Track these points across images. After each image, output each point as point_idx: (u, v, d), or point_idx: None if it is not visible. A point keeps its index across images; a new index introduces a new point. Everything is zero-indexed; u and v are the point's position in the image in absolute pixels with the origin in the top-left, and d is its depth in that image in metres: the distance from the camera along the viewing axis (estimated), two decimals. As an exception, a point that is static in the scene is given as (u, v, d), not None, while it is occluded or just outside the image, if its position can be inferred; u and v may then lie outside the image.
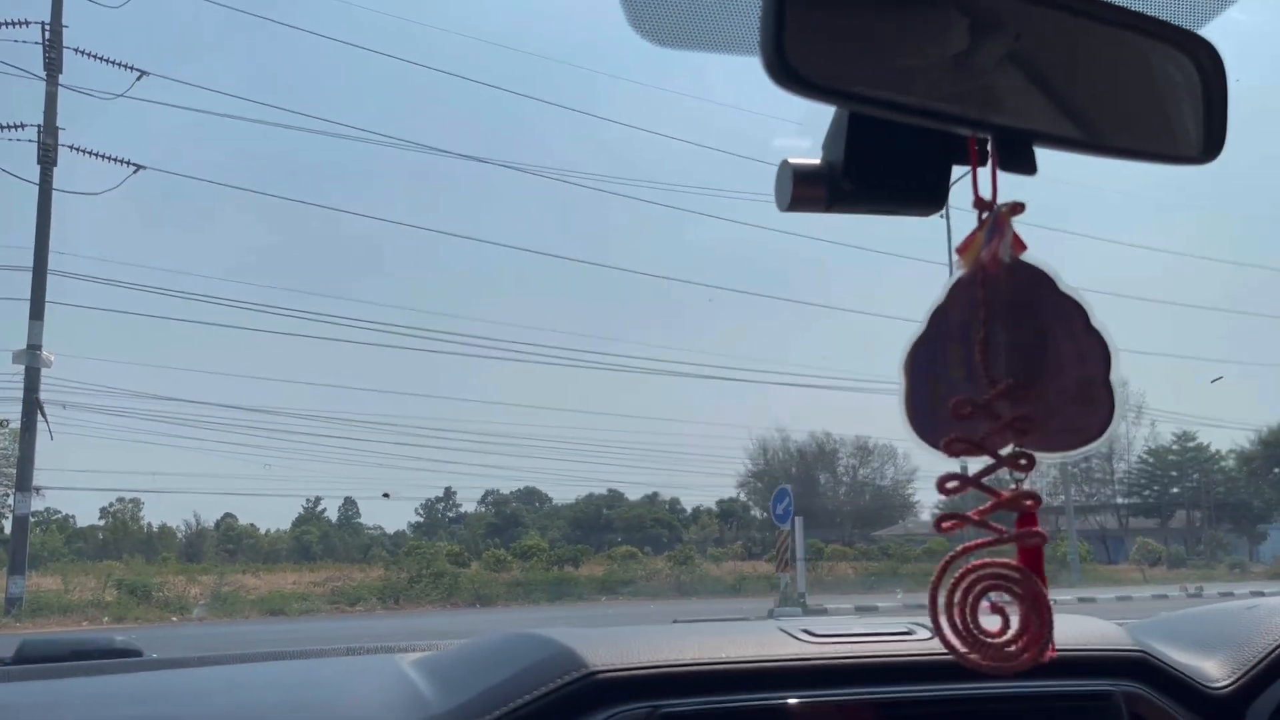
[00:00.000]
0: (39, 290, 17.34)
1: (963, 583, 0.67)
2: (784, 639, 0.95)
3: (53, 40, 17.56)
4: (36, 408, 17.30)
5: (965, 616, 0.66)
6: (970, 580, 0.67)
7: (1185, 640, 1.08)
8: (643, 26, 0.82)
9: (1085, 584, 24.23)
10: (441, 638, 1.28)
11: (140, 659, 1.21)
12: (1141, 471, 36.84)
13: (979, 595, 0.67)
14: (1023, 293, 0.71)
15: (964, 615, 0.66)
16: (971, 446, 0.68)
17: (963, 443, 0.68)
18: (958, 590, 0.67)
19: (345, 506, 30.63)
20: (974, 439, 0.68)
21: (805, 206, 0.76)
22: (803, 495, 27.23)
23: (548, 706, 0.86)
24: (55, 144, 17.62)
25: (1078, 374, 0.70)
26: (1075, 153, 0.76)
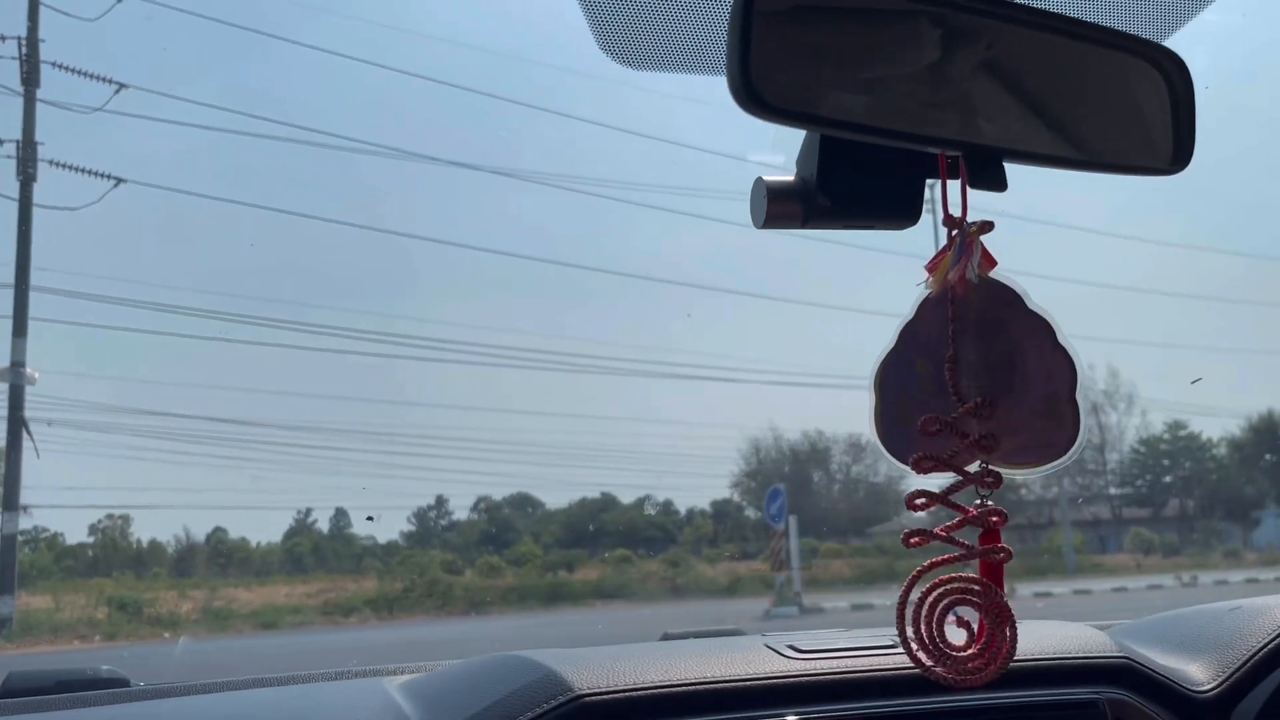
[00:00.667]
0: (21, 307, 17.26)
1: (929, 596, 0.68)
2: (770, 656, 0.96)
3: (29, 54, 17.50)
4: (21, 426, 17.21)
5: (931, 630, 0.68)
6: (936, 594, 0.68)
7: (1169, 644, 1.08)
8: (612, 49, 0.82)
9: (1080, 576, 24.34)
10: (436, 647, 1.28)
11: (126, 689, 1.20)
12: (1134, 461, 37.03)
13: (945, 609, 0.68)
14: (991, 311, 0.72)
15: (930, 629, 0.68)
16: (939, 464, 0.70)
17: (931, 460, 0.69)
18: (924, 604, 0.68)
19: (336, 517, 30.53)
20: (942, 456, 0.69)
21: (781, 223, 0.76)
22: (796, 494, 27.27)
23: (535, 730, 0.86)
24: (34, 159, 17.55)
25: (1045, 391, 0.71)
26: (1046, 167, 0.77)
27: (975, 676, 0.67)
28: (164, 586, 23.09)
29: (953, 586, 0.68)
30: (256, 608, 21.15)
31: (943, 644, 0.68)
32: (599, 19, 0.80)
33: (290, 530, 30.24)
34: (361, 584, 24.31)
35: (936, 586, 0.68)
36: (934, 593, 0.68)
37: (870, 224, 0.78)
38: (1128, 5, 0.86)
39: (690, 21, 0.81)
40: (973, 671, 0.67)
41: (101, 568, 25.51)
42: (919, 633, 0.68)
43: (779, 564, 18.68)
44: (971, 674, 0.67)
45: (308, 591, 23.58)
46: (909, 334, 0.73)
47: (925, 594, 0.68)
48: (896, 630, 0.68)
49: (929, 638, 0.68)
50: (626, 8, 0.80)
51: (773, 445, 33.99)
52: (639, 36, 0.81)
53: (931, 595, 0.68)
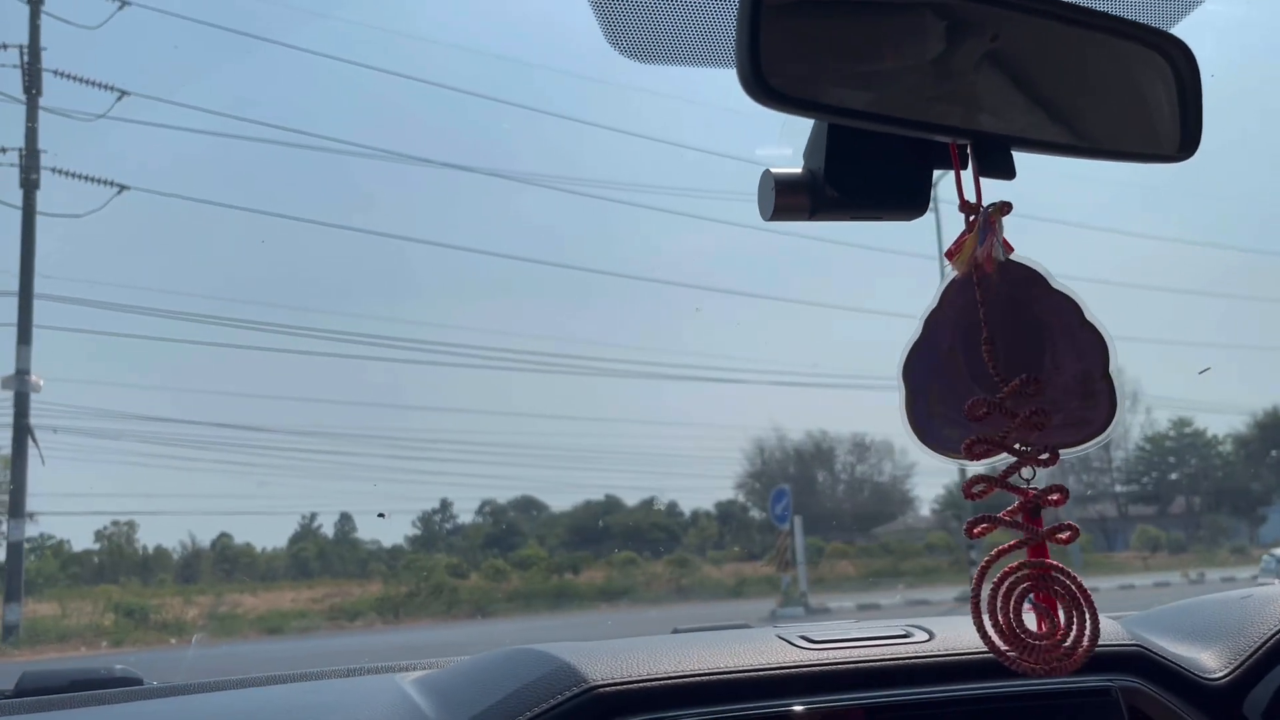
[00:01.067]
0: (25, 315, 17.28)
1: (1003, 585, 0.67)
2: (782, 646, 0.96)
3: (31, 62, 17.54)
4: (27, 433, 17.24)
5: (1009, 618, 0.66)
6: (1010, 582, 0.67)
7: (1180, 632, 1.08)
8: (620, 43, 0.83)
9: (1087, 573, 24.31)
10: (442, 651, 1.28)
11: (140, 688, 1.21)
12: (1139, 459, 36.94)
13: (1020, 596, 0.67)
14: (1017, 292, 0.72)
15: (1007, 617, 0.66)
16: (993, 446, 0.69)
17: (984, 443, 0.68)
18: (999, 592, 0.67)
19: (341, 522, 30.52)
20: (995, 438, 0.69)
21: (789, 215, 0.76)
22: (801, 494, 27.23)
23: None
24: (37, 167, 17.59)
25: (1077, 369, 0.70)
26: (1053, 155, 0.77)
27: (1063, 663, 0.66)
28: (170, 592, 23.11)
29: (1025, 573, 0.67)
30: (262, 613, 21.16)
31: (1022, 632, 0.66)
32: (606, 13, 0.81)
33: (295, 535, 30.23)
34: (367, 588, 24.32)
35: (1009, 574, 0.66)
36: (1007, 580, 0.66)
37: (878, 215, 0.78)
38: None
39: (697, 14, 0.82)
40: (1060, 658, 0.66)
41: (108, 574, 25.52)
42: (996, 622, 0.66)
43: (784, 565, 18.67)
44: (1059, 660, 0.66)
45: (313, 596, 23.60)
46: (934, 321, 0.73)
47: (998, 582, 0.66)
48: (974, 622, 0.66)
49: (1007, 626, 0.66)
50: (634, 2, 0.80)
51: (777, 446, 33.96)
52: (646, 29, 0.82)
53: (1005, 583, 0.66)
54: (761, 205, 0.77)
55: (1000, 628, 0.66)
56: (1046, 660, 0.66)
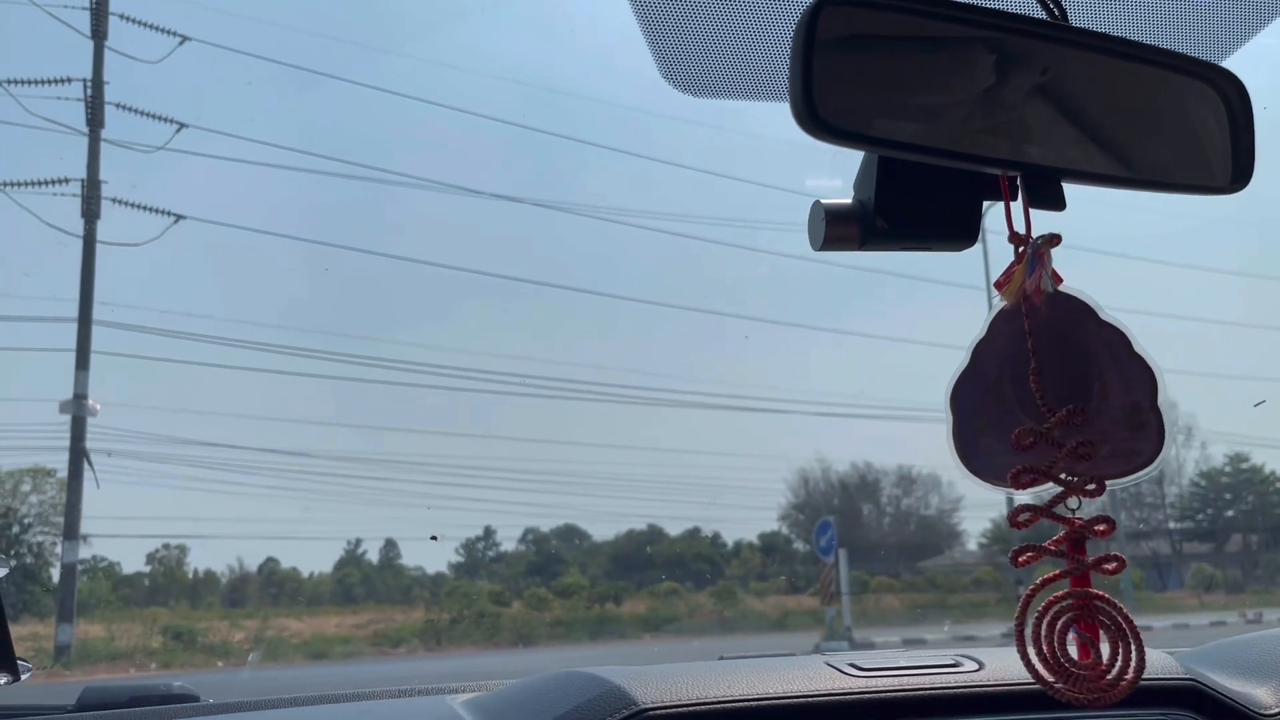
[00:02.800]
0: (84, 340, 17.69)
1: (1047, 614, 0.67)
2: (831, 673, 0.96)
3: (94, 96, 18.05)
4: (82, 456, 17.59)
5: (1054, 648, 0.66)
6: (1054, 611, 0.67)
7: (1236, 667, 1.07)
8: (674, 77, 0.85)
9: (1140, 611, 23.77)
10: (486, 678, 1.29)
11: (197, 704, 1.23)
12: (1194, 495, 36.10)
13: (1065, 626, 0.67)
14: (1065, 323, 0.72)
15: (1052, 647, 0.66)
16: (1039, 475, 0.69)
17: (1030, 473, 0.69)
18: (1043, 621, 0.67)
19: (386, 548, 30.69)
20: (1041, 468, 0.69)
21: (839, 246, 0.78)
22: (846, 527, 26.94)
23: (598, 745, 0.87)
24: (98, 197, 18.06)
25: (1125, 400, 0.71)
26: (1103, 186, 0.78)
27: (1108, 694, 0.65)
28: (217, 616, 23.36)
29: (1070, 603, 0.67)
30: (307, 638, 21.31)
31: (1067, 662, 0.66)
32: (662, 48, 0.83)
33: (341, 560, 30.46)
34: (410, 615, 24.40)
35: (1053, 603, 0.67)
36: (1052, 610, 0.66)
37: (928, 245, 0.79)
38: (1184, 27, 0.87)
39: (750, 49, 0.84)
40: (1105, 689, 0.66)
41: (158, 597, 25.87)
42: (1041, 651, 0.66)
43: (828, 598, 18.47)
44: (1103, 691, 0.65)
45: (357, 622, 23.72)
46: (983, 351, 0.73)
47: (1042, 611, 0.66)
48: (1018, 651, 0.66)
49: (1052, 656, 0.66)
50: (689, 37, 0.82)
51: (821, 477, 33.67)
52: (700, 64, 0.84)
53: (1050, 613, 0.66)
54: (812, 235, 0.78)
55: (1044, 657, 0.66)
56: (1091, 691, 0.65)
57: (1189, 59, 0.79)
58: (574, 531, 31.70)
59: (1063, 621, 0.67)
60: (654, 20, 0.80)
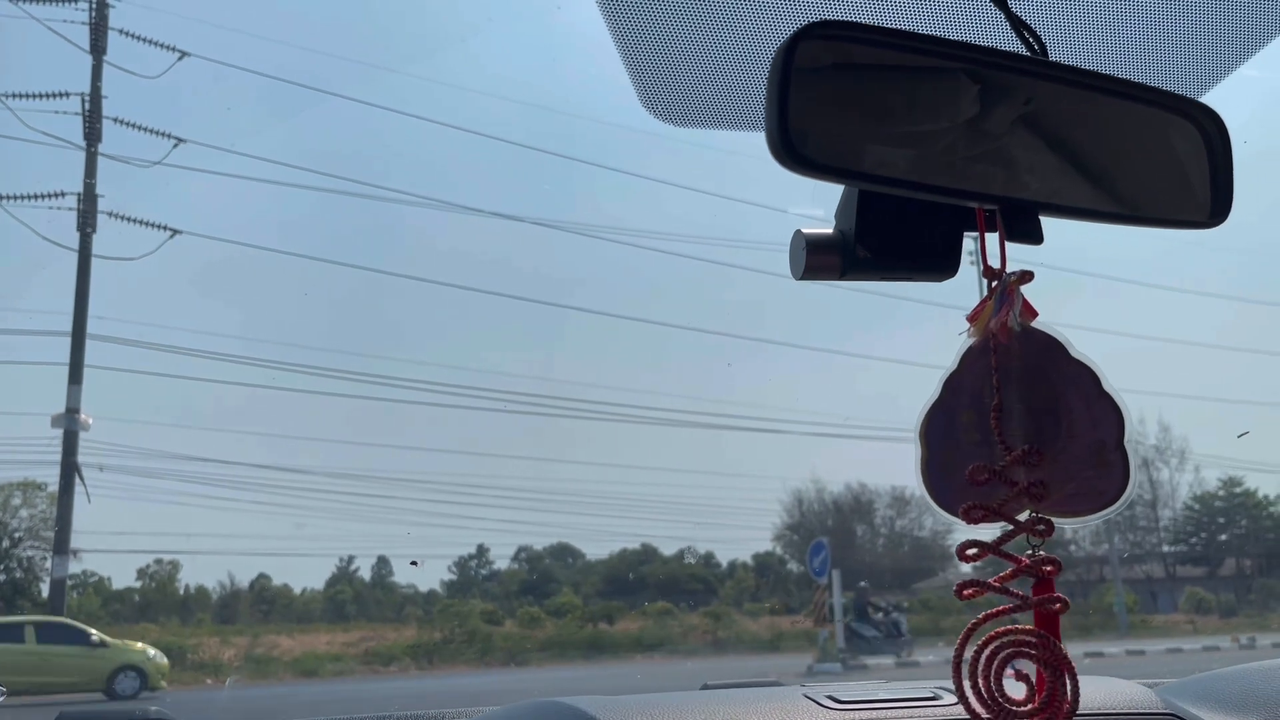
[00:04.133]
0: (78, 354, 17.66)
1: (986, 650, 0.67)
2: (809, 706, 0.95)
3: (92, 110, 18.08)
4: (74, 471, 17.52)
5: (990, 684, 0.67)
6: (994, 647, 0.67)
7: (1217, 701, 1.06)
8: (654, 106, 0.85)
9: (1133, 635, 23.72)
10: (476, 698, 1.28)
11: (173, 730, 1.22)
12: (1187, 518, 36.09)
13: (1003, 662, 0.67)
14: (1034, 359, 0.72)
15: (988, 682, 0.67)
16: (989, 513, 0.69)
17: (981, 509, 0.69)
18: (981, 657, 0.67)
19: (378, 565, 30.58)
20: (992, 505, 0.69)
21: (820, 275, 0.78)
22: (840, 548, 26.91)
23: (574, 777, 0.86)
24: (94, 211, 18.06)
25: (1091, 439, 0.71)
26: (1082, 220, 0.78)
27: None
28: (208, 632, 23.24)
29: (1010, 639, 0.67)
30: (297, 655, 21.19)
31: (1002, 698, 0.66)
32: (642, 78, 0.83)
33: (332, 578, 30.36)
34: (402, 633, 24.29)
35: (993, 639, 0.67)
36: (991, 645, 0.67)
37: (909, 276, 0.79)
38: (1165, 61, 0.88)
39: (730, 79, 0.84)
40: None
41: (149, 612, 25.75)
42: (977, 687, 0.66)
43: (822, 619, 18.42)
44: None
45: (348, 640, 23.60)
46: (952, 384, 0.73)
47: (981, 647, 0.67)
48: (954, 685, 0.67)
49: (988, 692, 0.66)
50: (668, 66, 0.82)
51: (815, 498, 33.65)
52: (680, 94, 0.84)
53: (989, 648, 0.67)
54: (793, 265, 0.78)
55: (978, 691, 0.66)
56: None
57: (1168, 94, 0.80)
58: (567, 550, 31.63)
59: (1001, 657, 0.67)
60: (634, 51, 0.80)
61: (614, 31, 0.79)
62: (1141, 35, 0.87)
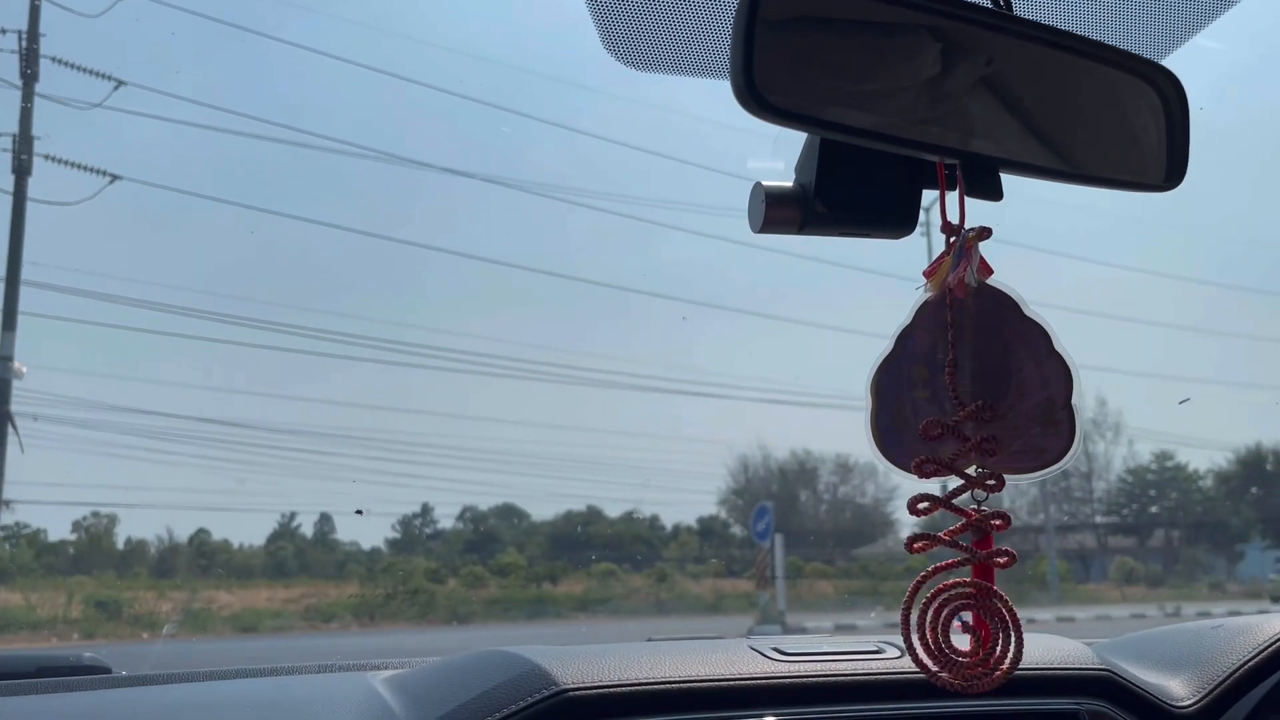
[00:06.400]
0: (11, 301, 17.20)
1: (934, 602, 0.68)
2: (755, 657, 0.96)
3: (29, 48, 17.48)
4: (7, 420, 17.12)
5: (936, 636, 0.68)
6: (941, 600, 0.68)
7: (1151, 659, 1.09)
8: (616, 49, 0.83)
9: (1064, 603, 24.38)
10: (416, 655, 1.27)
11: (108, 676, 1.20)
12: (1120, 490, 37.05)
13: (950, 615, 0.68)
14: (988, 317, 0.73)
15: (935, 634, 0.68)
16: (941, 467, 0.70)
17: (933, 463, 0.70)
18: (929, 610, 0.68)
19: (321, 522, 30.35)
20: (943, 460, 0.70)
21: (778, 228, 0.77)
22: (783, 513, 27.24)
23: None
24: (30, 153, 17.52)
25: (1040, 397, 0.71)
26: (1040, 179, 0.78)
27: (981, 682, 0.67)
28: (144, 586, 22.95)
29: (958, 592, 0.68)
30: (237, 611, 21.03)
31: (949, 649, 0.68)
32: (604, 18, 0.81)
33: (274, 534, 30.07)
34: (344, 590, 24.20)
35: (940, 592, 0.68)
36: (939, 598, 0.68)
37: (867, 232, 0.79)
38: (1126, 24, 0.88)
39: (694, 25, 0.82)
40: (980, 676, 0.67)
41: (83, 565, 25.33)
42: (924, 638, 0.68)
43: (763, 582, 18.67)
44: (977, 680, 0.67)
45: (289, 596, 23.46)
46: (906, 338, 0.74)
47: (929, 599, 0.68)
48: (902, 636, 0.68)
49: (934, 643, 0.68)
50: (632, 9, 0.81)
51: (761, 463, 33.98)
52: (643, 37, 0.82)
53: (936, 601, 0.68)
54: (751, 217, 0.78)
55: (925, 642, 0.68)
56: (966, 678, 0.67)
57: (1130, 55, 0.80)
58: (512, 511, 31.64)
59: (948, 610, 0.68)
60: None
61: (577, -30, 0.77)
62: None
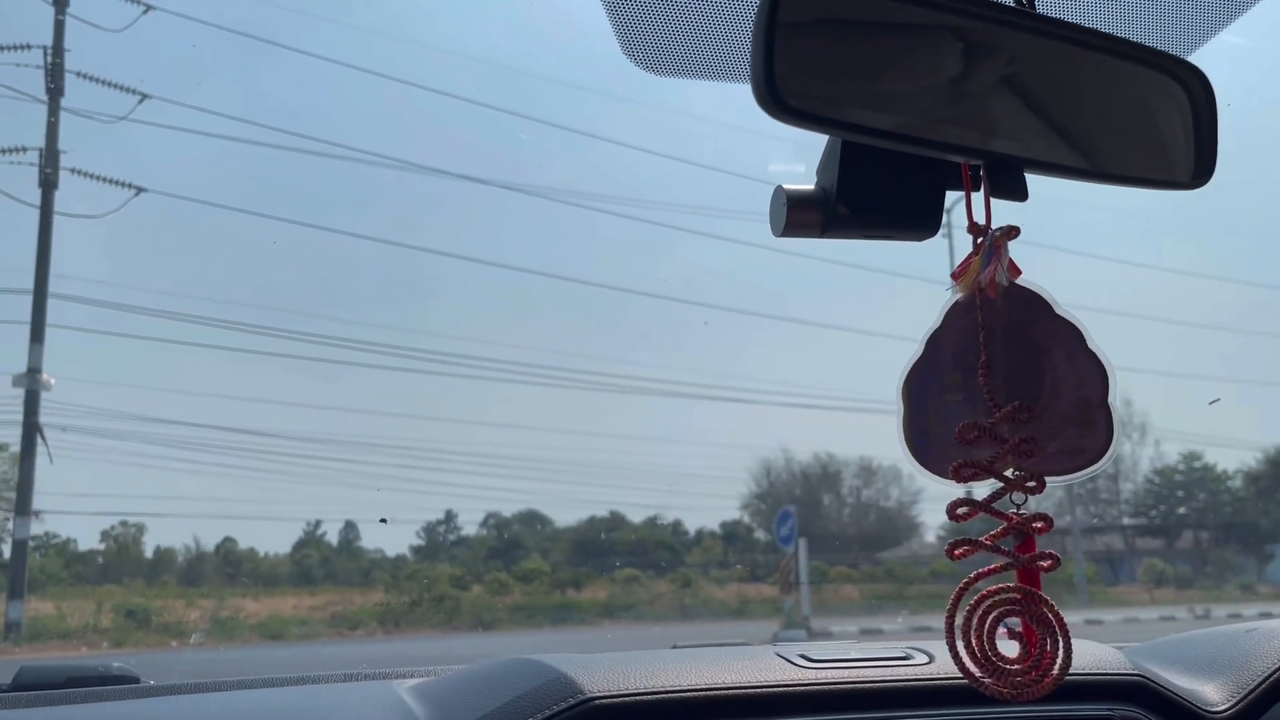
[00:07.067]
0: (39, 313, 17.38)
1: (979, 609, 0.67)
2: (781, 664, 0.95)
3: (54, 64, 17.69)
4: (36, 431, 17.30)
5: (982, 642, 0.67)
6: (986, 606, 0.67)
7: (1184, 664, 1.07)
8: (635, 54, 0.83)
9: (1092, 605, 24.16)
10: (442, 662, 1.27)
11: (138, 686, 1.21)
12: (1148, 491, 36.68)
13: (995, 621, 0.67)
14: (1019, 316, 0.72)
15: (981, 641, 0.67)
16: (980, 470, 0.69)
17: (970, 467, 0.69)
18: (974, 616, 0.67)
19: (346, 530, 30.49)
20: (982, 462, 0.69)
21: (800, 232, 0.76)
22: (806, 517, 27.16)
23: (544, 733, 0.86)
24: (56, 167, 17.71)
25: (1076, 396, 0.70)
26: (1066, 178, 0.77)
27: (1031, 689, 0.66)
28: (172, 595, 23.12)
29: (1003, 597, 0.67)
30: (263, 618, 21.15)
31: (995, 657, 0.66)
32: (624, 24, 0.81)
33: (299, 542, 30.24)
34: (369, 597, 24.28)
35: (985, 598, 0.67)
36: (984, 604, 0.67)
37: (890, 234, 0.78)
38: (1151, 21, 0.87)
39: (713, 28, 0.82)
40: (1029, 683, 0.66)
41: (112, 574, 25.56)
42: (970, 645, 0.66)
43: (788, 587, 18.61)
44: (1026, 687, 0.66)
45: (315, 603, 23.58)
46: (936, 341, 0.73)
47: (974, 605, 0.67)
48: (947, 643, 0.67)
49: (980, 651, 0.66)
50: (651, 14, 0.80)
51: (783, 467, 33.87)
52: (663, 42, 0.82)
53: (981, 607, 0.67)
54: (773, 221, 0.77)
55: (973, 651, 0.66)
56: (1015, 685, 0.66)
57: (1156, 52, 0.79)
58: (536, 517, 31.67)
59: (993, 616, 0.67)
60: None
61: (596, -24, 0.77)
62: (1128, -6, 0.86)
